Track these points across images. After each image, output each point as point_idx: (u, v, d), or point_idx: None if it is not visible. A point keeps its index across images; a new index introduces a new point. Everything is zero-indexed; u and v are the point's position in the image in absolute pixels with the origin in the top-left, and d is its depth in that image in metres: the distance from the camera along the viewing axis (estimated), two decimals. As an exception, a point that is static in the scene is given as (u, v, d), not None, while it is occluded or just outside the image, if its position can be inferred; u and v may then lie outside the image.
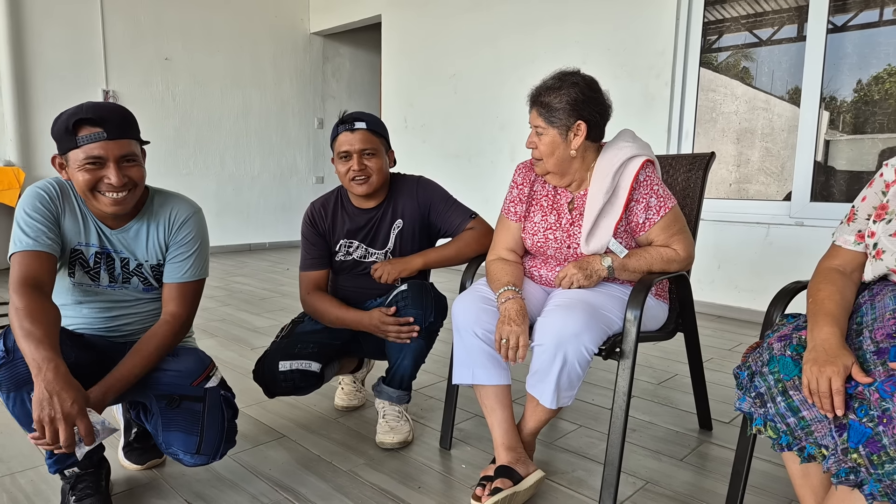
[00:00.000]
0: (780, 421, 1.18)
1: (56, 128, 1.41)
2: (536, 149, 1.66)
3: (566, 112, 1.59)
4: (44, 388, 1.19)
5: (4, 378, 1.34)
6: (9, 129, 4.80)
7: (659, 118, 4.03)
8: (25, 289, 1.33)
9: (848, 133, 3.74)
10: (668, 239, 1.67)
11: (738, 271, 3.73)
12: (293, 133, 6.83)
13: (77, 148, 1.39)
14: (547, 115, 1.61)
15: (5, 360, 1.34)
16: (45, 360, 1.22)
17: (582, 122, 1.60)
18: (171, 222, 1.56)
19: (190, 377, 1.49)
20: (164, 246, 1.57)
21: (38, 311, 1.31)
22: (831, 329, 1.14)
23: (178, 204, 1.59)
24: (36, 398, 1.20)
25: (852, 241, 1.32)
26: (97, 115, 1.38)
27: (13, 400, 1.37)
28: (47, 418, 1.19)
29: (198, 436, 1.46)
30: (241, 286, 4.55)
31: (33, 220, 1.41)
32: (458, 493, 1.64)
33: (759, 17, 4.01)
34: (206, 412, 1.48)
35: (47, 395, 1.19)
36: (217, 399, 1.51)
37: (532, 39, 4.70)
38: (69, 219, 1.48)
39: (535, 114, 1.64)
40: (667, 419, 2.14)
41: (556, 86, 1.61)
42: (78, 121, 1.37)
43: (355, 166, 1.86)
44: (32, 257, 1.38)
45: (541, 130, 1.63)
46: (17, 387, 1.35)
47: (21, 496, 1.59)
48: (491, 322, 1.61)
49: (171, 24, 5.72)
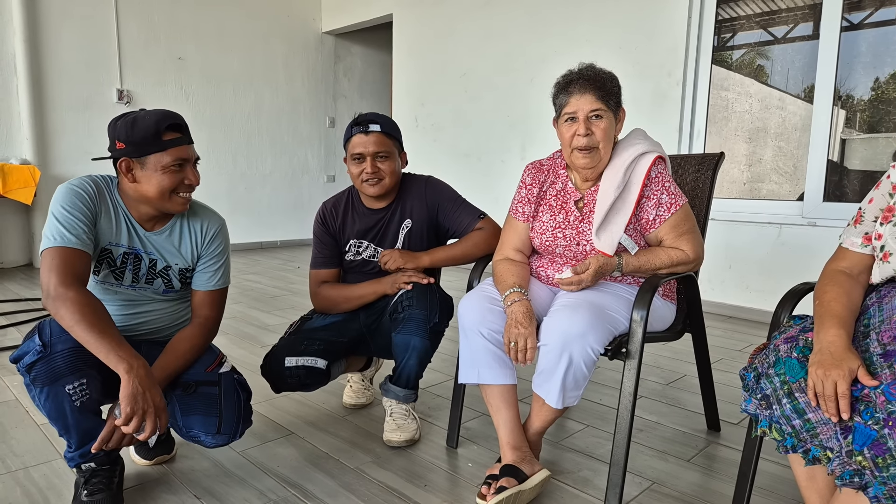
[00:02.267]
0: (785, 423, 1.17)
1: (134, 132, 1.45)
2: (592, 135, 1.61)
3: (618, 97, 1.61)
4: (137, 384, 1.30)
5: (41, 373, 1.36)
6: (25, 127, 4.87)
7: (670, 117, 4.00)
8: (77, 284, 1.37)
9: (863, 132, 3.70)
10: (677, 238, 1.66)
11: (749, 271, 3.70)
12: (305, 132, 6.86)
13: (163, 151, 1.46)
14: (605, 98, 1.60)
15: (42, 355, 1.36)
16: (135, 358, 1.33)
17: (624, 111, 1.63)
18: (204, 234, 1.65)
19: (203, 365, 1.59)
20: (196, 254, 1.65)
21: (99, 306, 1.37)
22: (838, 331, 1.13)
23: (208, 215, 1.68)
24: (129, 394, 1.29)
25: (859, 244, 1.31)
26: (177, 120, 1.49)
27: (46, 394, 1.38)
28: (141, 411, 1.30)
29: (217, 416, 1.53)
30: (253, 284, 4.58)
31: (73, 218, 1.43)
32: (465, 491, 1.65)
33: (773, 15, 3.98)
34: (222, 394, 1.55)
35: (141, 390, 1.31)
36: (231, 382, 1.59)
37: (543, 38, 4.68)
38: (104, 218, 1.52)
39: (591, 98, 1.59)
40: (674, 420, 2.14)
41: (604, 72, 1.62)
42: (169, 125, 1.47)
43: (368, 169, 1.88)
44: (74, 255, 1.41)
45: (601, 113, 1.60)
46: (52, 381, 1.37)
47: (34, 490, 1.61)
48: (497, 322, 1.62)
49: (185, 24, 5.77)
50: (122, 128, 1.47)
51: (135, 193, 1.52)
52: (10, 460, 1.77)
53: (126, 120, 1.47)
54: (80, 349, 1.37)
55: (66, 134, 5.12)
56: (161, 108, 1.52)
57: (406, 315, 1.81)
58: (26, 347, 1.39)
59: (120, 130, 1.47)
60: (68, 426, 1.43)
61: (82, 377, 1.39)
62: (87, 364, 1.40)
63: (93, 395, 1.43)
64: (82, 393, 1.40)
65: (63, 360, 1.36)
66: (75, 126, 5.15)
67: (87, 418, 1.45)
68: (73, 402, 1.39)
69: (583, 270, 1.58)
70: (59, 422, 1.42)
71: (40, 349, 1.36)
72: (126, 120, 1.47)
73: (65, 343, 1.37)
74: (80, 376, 1.39)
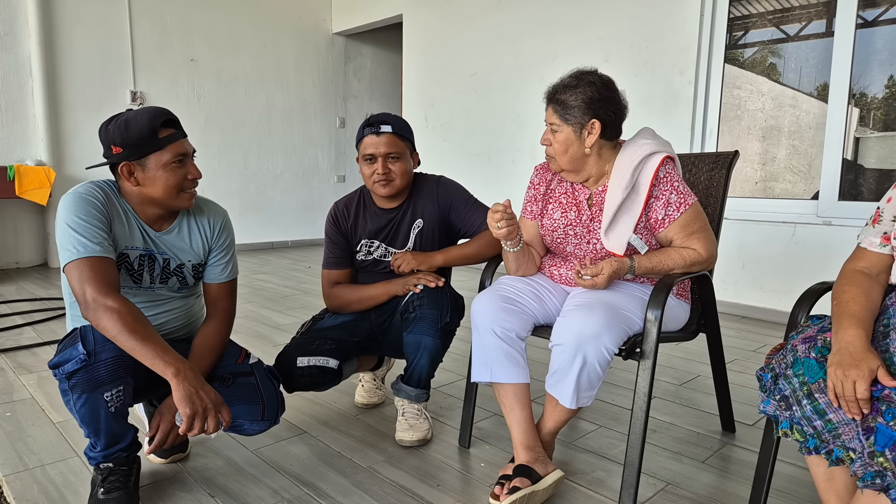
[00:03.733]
0: (806, 424, 1.16)
1: (129, 133, 1.42)
2: (550, 146, 1.67)
3: (581, 110, 1.60)
4: (188, 386, 1.33)
5: (81, 380, 1.35)
6: (40, 128, 4.92)
7: (682, 116, 3.98)
8: (114, 292, 1.37)
9: (878, 130, 3.66)
10: (687, 237, 1.65)
11: (763, 271, 3.67)
12: (315, 132, 6.88)
13: (161, 149, 1.45)
14: (562, 112, 1.62)
15: (86, 363, 1.35)
16: (181, 362, 1.35)
17: (596, 121, 1.60)
18: (212, 228, 1.66)
19: (232, 358, 1.64)
20: (206, 249, 1.66)
21: (139, 312, 1.38)
22: (856, 331, 1.12)
23: (211, 209, 1.69)
24: (184, 397, 1.32)
25: (878, 244, 1.29)
26: (170, 115, 1.48)
27: (84, 400, 1.38)
28: (200, 410, 1.33)
29: (260, 404, 1.57)
30: (264, 284, 4.60)
31: (91, 226, 1.41)
32: (477, 491, 1.64)
33: (786, 13, 3.94)
34: (259, 383, 1.59)
35: (193, 391, 1.33)
36: (263, 371, 1.64)
37: (553, 37, 4.67)
38: (117, 223, 1.51)
39: (550, 111, 1.66)
40: (689, 420, 2.12)
41: (572, 84, 1.62)
42: (163, 122, 1.46)
43: (380, 170, 1.88)
44: (102, 263, 1.39)
45: (556, 128, 1.64)
46: (93, 389, 1.37)
47: (51, 487, 1.63)
48: (510, 321, 1.61)
49: (197, 26, 5.81)
50: (116, 131, 1.44)
51: (139, 196, 1.51)
52: (27, 458, 1.78)
53: (117, 123, 1.44)
54: (121, 357, 1.38)
55: (80, 135, 5.17)
56: (151, 106, 1.51)
57: (417, 315, 1.82)
58: (68, 355, 1.37)
59: (114, 134, 1.44)
60: (99, 430, 1.44)
61: (120, 384, 1.40)
62: (126, 371, 1.40)
63: (126, 401, 1.44)
64: (118, 399, 1.41)
65: (105, 369, 1.37)
66: (89, 127, 5.19)
67: (119, 423, 1.46)
68: (109, 409, 1.40)
69: (596, 273, 1.58)
70: (91, 426, 1.43)
71: (84, 358, 1.35)
72: (117, 123, 1.44)
73: (108, 352, 1.37)
74: (118, 384, 1.40)
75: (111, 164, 1.50)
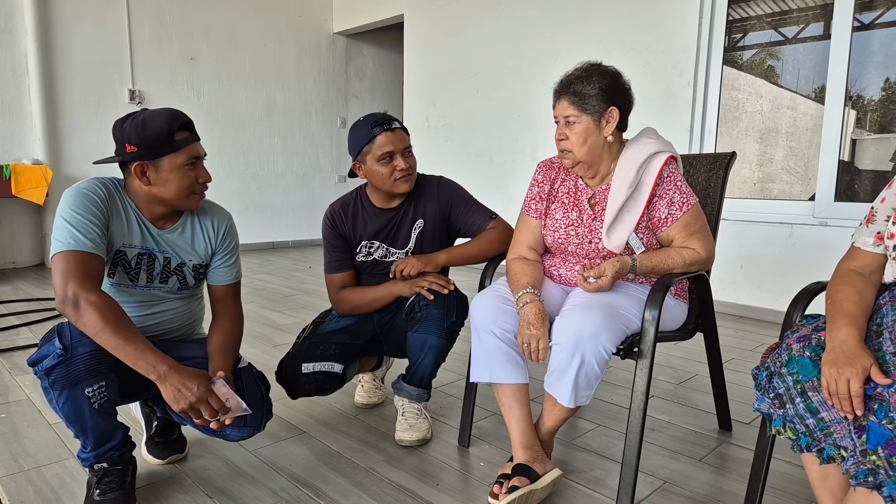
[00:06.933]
0: (799, 422, 1.17)
1: (147, 134, 1.43)
2: (566, 139, 1.65)
3: (599, 98, 1.61)
4: (170, 385, 1.33)
5: (60, 376, 1.35)
6: (36, 127, 4.92)
7: (681, 117, 3.99)
8: (96, 288, 1.36)
9: (874, 132, 3.67)
10: (687, 237, 1.66)
11: (760, 271, 3.69)
12: (316, 132, 6.89)
13: (177, 151, 1.47)
14: (580, 102, 1.62)
15: (63, 359, 1.35)
16: (162, 362, 1.34)
17: (615, 108, 1.62)
18: (217, 231, 1.66)
19: None
20: (210, 251, 1.66)
21: (120, 309, 1.37)
22: (850, 330, 1.13)
23: (216, 212, 1.69)
24: (172, 397, 1.33)
25: (871, 243, 1.31)
26: (186, 118, 1.50)
27: (65, 397, 1.38)
28: (187, 405, 1.34)
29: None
30: (265, 284, 4.61)
31: (86, 221, 1.41)
32: (477, 490, 1.65)
33: (783, 15, 3.96)
34: (245, 388, 1.56)
35: (176, 389, 1.33)
36: (252, 376, 1.61)
37: (554, 38, 4.68)
38: (115, 221, 1.51)
39: (565, 103, 1.64)
40: (686, 419, 2.13)
41: (585, 75, 1.64)
42: (180, 125, 1.48)
43: (402, 165, 1.87)
44: (90, 258, 1.39)
45: (573, 119, 1.63)
46: (72, 384, 1.36)
47: (46, 489, 1.63)
48: (509, 322, 1.62)
49: (196, 24, 5.81)
50: (132, 130, 1.44)
51: (148, 195, 1.51)
52: (22, 459, 1.78)
53: (134, 122, 1.45)
54: (100, 352, 1.37)
55: (77, 134, 5.16)
56: (167, 107, 1.52)
57: (424, 314, 1.82)
58: (45, 351, 1.37)
59: (130, 133, 1.44)
60: (86, 428, 1.43)
61: (101, 380, 1.40)
62: (106, 366, 1.40)
63: (111, 397, 1.44)
64: (101, 395, 1.41)
65: (83, 364, 1.36)
66: (87, 126, 5.20)
67: (105, 420, 1.45)
68: (92, 405, 1.40)
69: (599, 275, 1.58)
70: (76, 424, 1.42)
71: (61, 353, 1.34)
72: (134, 122, 1.45)
73: (85, 346, 1.36)
74: (99, 379, 1.39)
75: (121, 162, 1.50)
